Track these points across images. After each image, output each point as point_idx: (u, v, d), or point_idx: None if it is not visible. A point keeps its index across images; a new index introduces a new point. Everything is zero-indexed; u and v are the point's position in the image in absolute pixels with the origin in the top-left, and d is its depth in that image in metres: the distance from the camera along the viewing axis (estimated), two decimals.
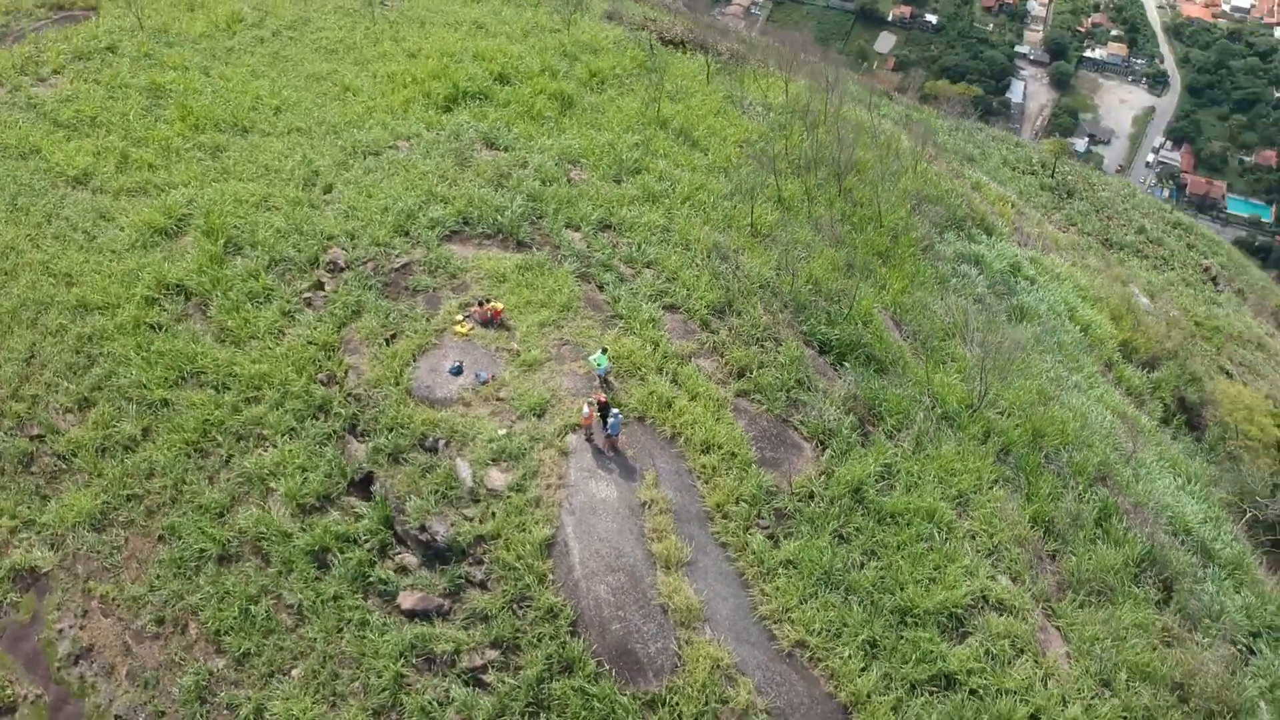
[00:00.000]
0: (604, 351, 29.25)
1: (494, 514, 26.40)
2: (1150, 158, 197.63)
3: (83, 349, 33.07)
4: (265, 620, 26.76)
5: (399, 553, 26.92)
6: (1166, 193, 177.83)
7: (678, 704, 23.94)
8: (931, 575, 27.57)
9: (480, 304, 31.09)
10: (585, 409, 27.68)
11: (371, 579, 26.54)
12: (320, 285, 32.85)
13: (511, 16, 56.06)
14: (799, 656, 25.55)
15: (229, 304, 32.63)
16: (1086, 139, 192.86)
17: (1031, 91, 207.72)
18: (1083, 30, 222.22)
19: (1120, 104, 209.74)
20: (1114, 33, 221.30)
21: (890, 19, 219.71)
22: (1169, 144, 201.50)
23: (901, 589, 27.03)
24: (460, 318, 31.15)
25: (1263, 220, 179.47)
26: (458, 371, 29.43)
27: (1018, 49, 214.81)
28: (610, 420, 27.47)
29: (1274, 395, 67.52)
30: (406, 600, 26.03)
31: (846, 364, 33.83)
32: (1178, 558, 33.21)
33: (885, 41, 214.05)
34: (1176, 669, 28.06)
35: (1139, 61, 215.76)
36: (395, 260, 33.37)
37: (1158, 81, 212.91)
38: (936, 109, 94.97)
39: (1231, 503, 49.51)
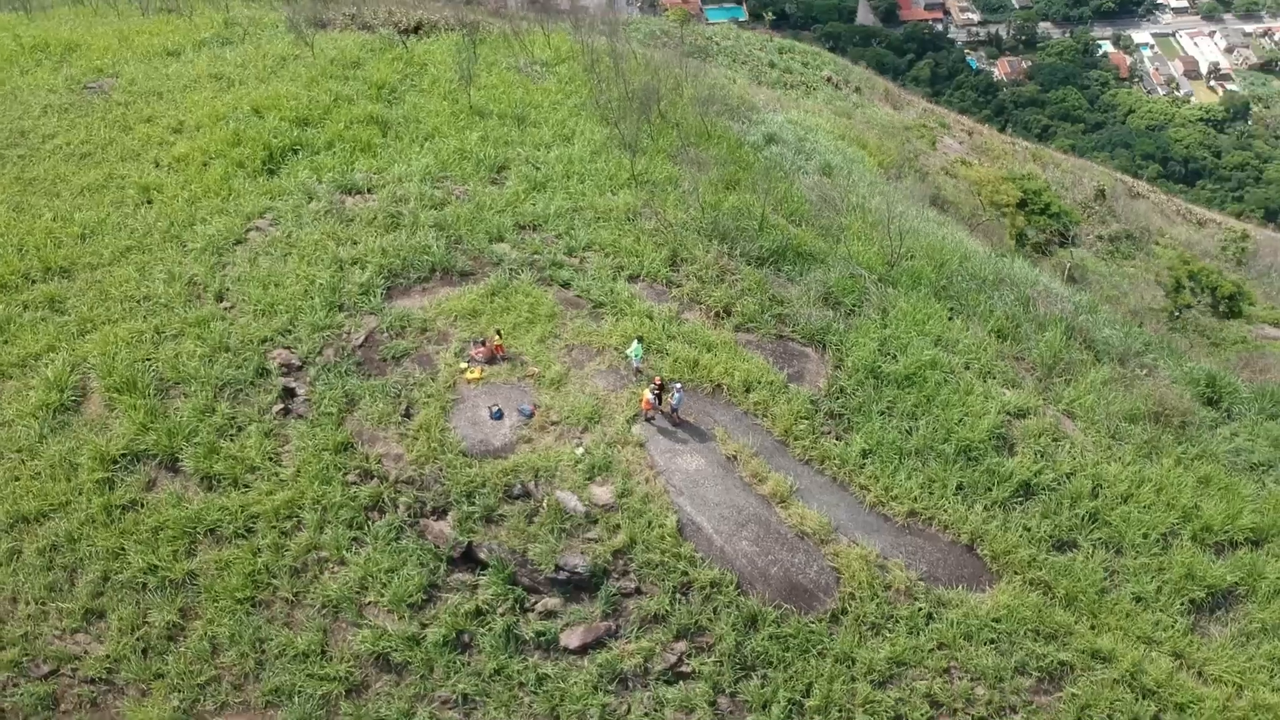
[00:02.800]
0: (640, 340, 30.08)
1: (618, 525, 27.17)
2: None
3: (55, 563, 29.43)
4: None
5: (537, 601, 27.11)
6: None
7: (856, 607, 26.51)
8: (964, 412, 31.45)
9: (483, 343, 30.69)
10: (648, 393, 28.70)
11: (525, 637, 26.67)
12: (291, 392, 30.95)
13: (243, 58, 52.05)
14: (915, 524, 28.77)
15: (202, 450, 30.08)
16: None
17: None
18: None
19: None
20: None
21: None
22: None
23: (952, 433, 30.74)
24: (464, 365, 30.64)
25: (739, 20, 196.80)
26: (499, 415, 29.25)
27: None
28: (676, 396, 28.71)
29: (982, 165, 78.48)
30: (572, 639, 26.48)
31: (784, 269, 36.53)
32: (1081, 320, 39.31)
33: None
34: (1148, 402, 33.93)
35: None
36: (353, 338, 31.92)
37: None
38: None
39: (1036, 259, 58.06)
